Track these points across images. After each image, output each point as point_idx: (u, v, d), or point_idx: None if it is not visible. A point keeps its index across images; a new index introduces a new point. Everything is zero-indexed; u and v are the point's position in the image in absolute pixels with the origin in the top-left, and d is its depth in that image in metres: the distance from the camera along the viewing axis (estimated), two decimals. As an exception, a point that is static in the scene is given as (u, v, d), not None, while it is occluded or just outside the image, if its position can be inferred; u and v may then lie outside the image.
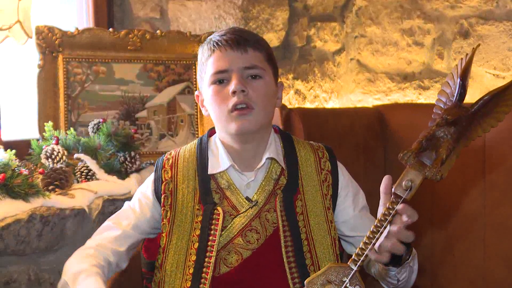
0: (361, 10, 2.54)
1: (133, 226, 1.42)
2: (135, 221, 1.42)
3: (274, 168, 1.40)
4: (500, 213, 1.80)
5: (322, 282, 1.16)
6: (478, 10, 2.16)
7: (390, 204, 1.16)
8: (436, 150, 1.16)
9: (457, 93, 1.18)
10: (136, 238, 1.43)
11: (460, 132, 1.16)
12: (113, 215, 1.47)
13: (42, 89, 2.03)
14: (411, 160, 1.17)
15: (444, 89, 1.21)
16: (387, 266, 1.26)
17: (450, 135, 1.16)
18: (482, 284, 1.83)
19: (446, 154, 1.15)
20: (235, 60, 1.34)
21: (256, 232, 1.35)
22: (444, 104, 1.20)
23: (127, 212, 1.45)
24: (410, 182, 1.15)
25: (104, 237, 1.40)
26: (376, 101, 2.50)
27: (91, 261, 1.32)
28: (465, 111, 1.17)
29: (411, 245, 1.25)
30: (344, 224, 1.44)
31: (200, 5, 2.46)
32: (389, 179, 1.21)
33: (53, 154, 1.85)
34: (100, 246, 1.38)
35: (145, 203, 1.43)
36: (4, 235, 1.59)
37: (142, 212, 1.43)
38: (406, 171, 1.17)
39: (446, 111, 1.17)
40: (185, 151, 1.45)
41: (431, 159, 1.16)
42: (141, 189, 1.47)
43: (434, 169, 1.15)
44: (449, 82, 1.20)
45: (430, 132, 1.17)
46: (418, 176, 1.16)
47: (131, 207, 1.45)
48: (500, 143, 1.79)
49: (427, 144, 1.17)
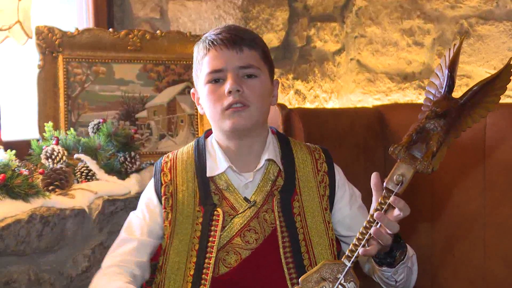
0: (361, 10, 2.54)
1: (148, 234, 1.41)
2: (147, 228, 1.41)
3: (271, 169, 1.41)
4: (500, 213, 1.80)
5: (317, 280, 1.16)
6: (478, 10, 2.16)
7: (382, 199, 1.16)
8: (427, 142, 1.16)
9: (445, 84, 1.17)
10: (154, 244, 1.42)
11: (450, 124, 1.16)
12: (123, 228, 1.45)
13: (42, 89, 2.03)
14: (402, 153, 1.17)
15: (432, 81, 1.21)
16: (381, 267, 1.26)
17: (440, 127, 1.15)
18: (482, 284, 1.83)
19: (436, 146, 1.15)
20: (230, 60, 1.34)
21: (255, 232, 1.35)
22: (433, 96, 1.20)
23: (137, 221, 1.43)
24: (401, 177, 1.15)
25: (123, 251, 1.38)
26: (376, 101, 2.50)
27: (122, 279, 1.31)
28: (454, 102, 1.16)
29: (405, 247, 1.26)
30: (340, 224, 1.44)
31: (200, 5, 2.46)
32: (377, 176, 1.21)
33: (53, 154, 1.85)
34: (123, 262, 1.36)
35: (153, 208, 1.43)
36: (4, 235, 1.59)
37: (152, 217, 1.42)
38: (397, 165, 1.17)
39: (436, 103, 1.17)
40: (182, 154, 1.45)
41: (422, 152, 1.16)
42: (145, 196, 1.46)
43: (425, 162, 1.15)
44: (438, 73, 1.20)
45: (420, 125, 1.17)
46: (409, 170, 1.16)
47: (138, 216, 1.44)
48: (500, 142, 1.79)
49: (417, 137, 1.17)
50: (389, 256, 1.25)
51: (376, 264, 1.27)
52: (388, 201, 1.15)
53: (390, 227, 1.15)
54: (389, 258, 1.24)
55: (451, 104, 1.16)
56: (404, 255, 1.26)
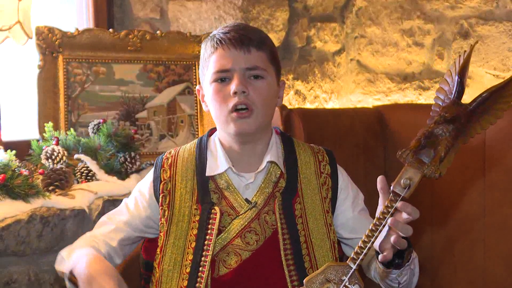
0: (361, 10, 2.54)
1: (125, 222, 1.43)
2: (128, 217, 1.43)
3: (273, 171, 1.40)
4: (500, 213, 1.80)
5: (321, 281, 1.16)
6: (478, 11, 2.16)
7: (389, 202, 1.16)
8: (435, 147, 1.16)
9: (455, 90, 1.18)
10: (129, 234, 1.43)
11: (458, 130, 1.16)
12: (110, 211, 1.49)
13: (42, 89, 2.03)
14: (410, 158, 1.17)
15: (442, 87, 1.21)
16: (388, 269, 1.26)
17: (448, 133, 1.16)
18: (482, 284, 1.83)
19: (444, 151, 1.15)
20: (237, 60, 1.34)
21: (255, 234, 1.35)
22: (442, 101, 1.20)
23: (122, 209, 1.46)
24: (408, 180, 1.15)
25: (98, 231, 1.42)
26: (376, 101, 2.50)
27: (83, 245, 1.37)
28: (463, 108, 1.16)
29: (412, 246, 1.25)
30: (343, 226, 1.43)
31: (200, 5, 2.46)
32: (383, 179, 1.21)
33: (53, 154, 1.85)
34: (93, 237, 1.40)
35: (140, 202, 1.44)
36: (4, 235, 1.59)
37: (137, 210, 1.43)
38: (405, 169, 1.17)
39: (444, 108, 1.17)
40: (184, 151, 1.45)
41: (430, 157, 1.16)
42: (139, 187, 1.47)
43: (433, 167, 1.15)
44: (447, 79, 1.20)
45: (428, 130, 1.17)
46: (416, 174, 1.16)
47: (127, 204, 1.46)
48: (500, 142, 1.79)
49: (425, 142, 1.17)
50: (398, 257, 1.24)
51: (384, 266, 1.27)
52: (395, 205, 1.15)
53: (404, 231, 1.15)
54: (398, 259, 1.24)
55: (460, 110, 1.16)
56: (410, 255, 1.26)
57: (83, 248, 1.35)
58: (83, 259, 1.28)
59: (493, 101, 1.17)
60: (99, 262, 1.28)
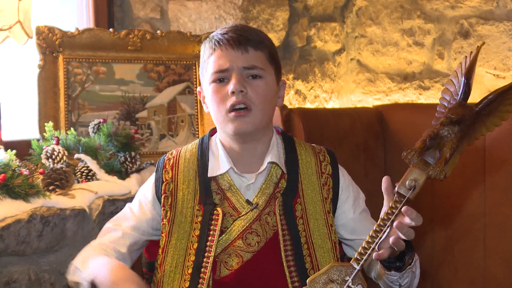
0: (361, 10, 2.54)
1: (132, 227, 1.42)
2: (134, 222, 1.43)
3: (274, 171, 1.40)
4: (500, 213, 1.80)
5: (325, 281, 1.16)
6: (478, 10, 2.16)
7: (394, 203, 1.16)
8: (440, 149, 1.16)
9: (461, 91, 1.17)
10: (137, 238, 1.43)
11: (464, 131, 1.16)
12: (113, 217, 1.48)
13: (42, 89, 2.03)
14: (415, 159, 1.16)
15: (448, 88, 1.21)
16: (389, 271, 1.26)
17: (454, 134, 1.15)
18: (482, 284, 1.83)
19: (450, 153, 1.15)
20: (235, 60, 1.34)
21: (257, 235, 1.35)
22: (448, 102, 1.20)
23: (127, 214, 1.45)
24: (413, 182, 1.15)
25: (105, 240, 1.41)
26: (376, 101, 2.50)
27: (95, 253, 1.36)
28: (469, 110, 1.16)
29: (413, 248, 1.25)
30: (343, 227, 1.43)
31: (200, 5, 2.46)
32: (388, 180, 1.20)
33: (53, 154, 1.85)
34: (102, 245, 1.39)
35: (145, 204, 1.43)
36: (4, 235, 1.59)
37: (142, 213, 1.43)
38: (410, 170, 1.16)
39: (451, 110, 1.17)
40: (186, 151, 1.45)
41: (435, 158, 1.16)
42: (142, 190, 1.47)
43: (438, 168, 1.15)
44: (453, 80, 1.20)
45: (434, 131, 1.17)
46: (421, 175, 1.15)
47: (131, 208, 1.45)
48: (501, 143, 1.79)
49: (430, 143, 1.16)
50: (399, 260, 1.24)
51: (385, 268, 1.27)
52: (399, 206, 1.15)
53: (407, 235, 1.15)
54: (399, 262, 1.24)
55: (466, 112, 1.16)
56: (412, 259, 1.26)
57: (98, 256, 1.34)
58: (104, 267, 1.28)
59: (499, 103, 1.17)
60: (122, 270, 1.28)
